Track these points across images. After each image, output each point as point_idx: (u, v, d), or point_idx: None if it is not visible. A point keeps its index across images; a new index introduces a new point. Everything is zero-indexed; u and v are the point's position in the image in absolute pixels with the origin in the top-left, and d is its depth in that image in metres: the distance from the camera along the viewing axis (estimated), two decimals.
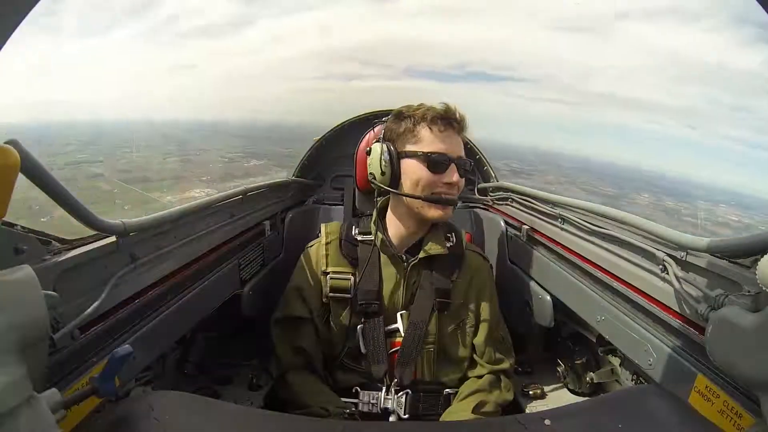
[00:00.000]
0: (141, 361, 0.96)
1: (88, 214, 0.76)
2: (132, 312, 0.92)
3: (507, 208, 1.84)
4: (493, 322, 1.34)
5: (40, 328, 0.51)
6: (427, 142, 1.19)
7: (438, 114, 1.20)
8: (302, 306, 1.31)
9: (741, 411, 0.69)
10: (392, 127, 1.26)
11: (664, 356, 0.89)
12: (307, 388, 1.25)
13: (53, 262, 0.72)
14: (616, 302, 1.08)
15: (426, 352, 1.30)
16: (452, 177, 1.19)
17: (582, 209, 1.27)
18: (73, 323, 0.73)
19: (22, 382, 0.47)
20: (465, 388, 1.29)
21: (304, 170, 2.13)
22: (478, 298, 1.35)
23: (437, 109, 1.21)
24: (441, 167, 1.18)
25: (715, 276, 0.77)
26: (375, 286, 1.27)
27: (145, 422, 0.63)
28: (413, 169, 1.19)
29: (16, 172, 0.52)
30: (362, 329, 1.28)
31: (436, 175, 1.18)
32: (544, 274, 1.46)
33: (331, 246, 1.35)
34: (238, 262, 1.44)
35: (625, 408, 0.70)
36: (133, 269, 0.92)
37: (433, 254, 1.28)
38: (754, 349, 0.57)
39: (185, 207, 1.13)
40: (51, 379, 0.70)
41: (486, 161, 2.13)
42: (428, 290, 1.29)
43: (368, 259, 1.28)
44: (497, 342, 1.35)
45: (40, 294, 0.51)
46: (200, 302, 1.20)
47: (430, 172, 1.18)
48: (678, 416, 0.65)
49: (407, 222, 1.29)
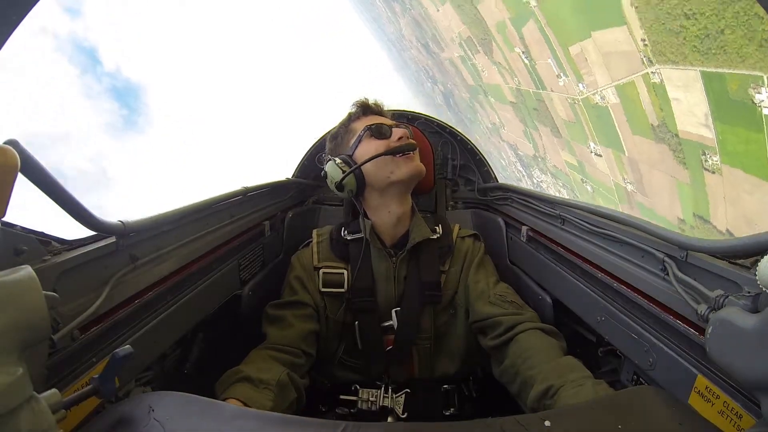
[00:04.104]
0: (141, 361, 0.96)
1: (88, 214, 0.76)
2: (132, 312, 0.92)
3: (507, 208, 1.84)
4: (491, 284, 1.31)
5: (41, 329, 0.51)
6: (362, 127, 1.34)
7: (357, 110, 1.40)
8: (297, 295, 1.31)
9: (741, 412, 0.69)
10: (331, 146, 1.42)
11: (664, 357, 0.89)
12: (253, 356, 1.15)
13: (53, 263, 0.72)
14: (616, 302, 1.08)
15: (421, 348, 1.30)
16: (398, 134, 1.31)
17: (582, 209, 1.27)
18: (73, 323, 0.73)
19: (22, 382, 0.47)
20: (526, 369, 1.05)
21: (305, 170, 2.13)
22: (467, 276, 1.34)
23: (354, 108, 1.42)
24: (385, 131, 1.32)
25: (715, 276, 0.77)
26: (367, 281, 1.28)
27: (145, 422, 0.63)
28: (365, 149, 1.31)
29: (16, 172, 0.52)
30: (358, 325, 1.28)
31: (384, 139, 1.31)
32: (544, 274, 1.45)
33: (322, 245, 1.37)
34: (238, 262, 1.44)
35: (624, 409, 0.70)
36: (133, 269, 0.92)
37: (420, 242, 1.30)
38: (755, 350, 0.57)
39: (185, 207, 1.13)
40: (51, 379, 0.70)
41: (486, 161, 2.13)
42: (417, 284, 1.29)
43: (360, 255, 1.29)
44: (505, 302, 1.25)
45: (40, 294, 0.51)
46: (200, 302, 1.20)
47: (378, 140, 1.31)
48: (678, 417, 0.65)
49: (389, 205, 1.31)
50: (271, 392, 0.99)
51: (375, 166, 1.27)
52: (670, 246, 0.89)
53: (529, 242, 1.58)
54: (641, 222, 0.99)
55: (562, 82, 8.45)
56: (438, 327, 1.32)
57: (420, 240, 1.30)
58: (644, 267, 0.98)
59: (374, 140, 1.31)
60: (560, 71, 8.31)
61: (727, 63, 4.33)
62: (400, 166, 1.27)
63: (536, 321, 1.20)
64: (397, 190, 1.30)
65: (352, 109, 1.42)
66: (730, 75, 4.39)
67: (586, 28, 6.56)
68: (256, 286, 1.52)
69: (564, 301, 1.33)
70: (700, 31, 4.44)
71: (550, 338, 1.12)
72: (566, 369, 0.97)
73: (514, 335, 1.15)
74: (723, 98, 4.64)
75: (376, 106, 1.42)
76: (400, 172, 1.27)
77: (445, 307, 1.32)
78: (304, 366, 1.21)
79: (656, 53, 5.34)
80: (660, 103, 5.75)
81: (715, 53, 4.40)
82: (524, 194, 1.68)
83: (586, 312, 1.20)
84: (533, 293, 1.48)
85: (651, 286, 0.94)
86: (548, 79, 9.09)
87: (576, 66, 7.51)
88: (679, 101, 5.36)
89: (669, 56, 5.16)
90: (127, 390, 0.96)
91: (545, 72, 9.03)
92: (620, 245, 1.08)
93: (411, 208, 1.38)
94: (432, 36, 18.09)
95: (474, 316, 1.27)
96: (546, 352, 1.06)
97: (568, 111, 8.96)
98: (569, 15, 6.89)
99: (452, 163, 2.13)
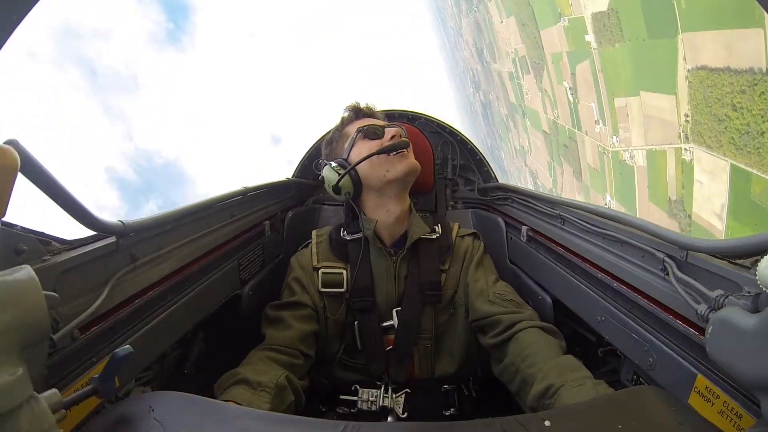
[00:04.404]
0: (141, 361, 0.96)
1: (88, 214, 0.76)
2: (132, 312, 0.92)
3: (507, 208, 1.84)
4: (490, 282, 1.31)
5: (41, 329, 0.51)
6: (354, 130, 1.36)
7: (349, 113, 1.43)
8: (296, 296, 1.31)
9: (741, 412, 0.69)
10: (326, 151, 1.45)
11: (664, 357, 0.88)
12: (252, 358, 1.14)
13: (53, 262, 0.72)
14: (616, 302, 1.08)
15: (421, 348, 1.30)
16: (390, 133, 1.33)
17: (582, 209, 1.27)
18: (73, 323, 0.73)
19: (22, 382, 0.47)
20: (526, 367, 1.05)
21: (305, 170, 2.13)
22: (467, 275, 1.34)
23: (347, 112, 1.45)
24: (377, 132, 1.33)
25: (715, 277, 0.77)
26: (367, 281, 1.29)
27: (145, 422, 0.63)
28: (359, 150, 1.33)
29: (16, 172, 0.52)
30: (358, 325, 1.28)
31: (377, 140, 1.32)
32: (544, 274, 1.45)
33: (322, 245, 1.37)
34: (238, 262, 1.44)
35: (624, 408, 0.70)
36: (133, 269, 0.92)
37: (419, 241, 1.31)
38: (755, 350, 0.57)
39: (185, 207, 1.13)
40: (51, 379, 0.70)
41: (486, 162, 2.13)
42: (417, 284, 1.29)
43: (359, 254, 1.29)
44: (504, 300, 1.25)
45: (40, 294, 0.51)
46: (200, 302, 1.20)
47: (371, 141, 1.32)
48: (678, 417, 0.65)
49: (387, 204, 1.32)
50: (269, 395, 0.98)
51: (370, 166, 1.28)
52: (670, 246, 0.89)
53: (529, 242, 1.58)
54: (641, 222, 0.99)
55: (599, 129, 8.40)
56: (438, 326, 1.32)
57: (419, 237, 1.30)
58: (644, 267, 0.98)
59: (367, 141, 1.32)
60: (600, 118, 8.21)
61: (759, 165, 4.26)
62: (394, 165, 1.28)
63: (536, 319, 1.20)
64: (394, 188, 1.31)
65: (345, 114, 1.45)
66: (758, 177, 4.32)
67: (637, 85, 6.48)
68: (256, 286, 1.52)
69: (564, 301, 1.33)
70: (742, 126, 4.37)
71: (549, 337, 1.12)
72: (566, 368, 0.97)
73: (514, 333, 1.15)
74: (744, 197, 4.56)
75: (367, 108, 1.45)
76: (395, 171, 1.28)
77: (445, 307, 1.32)
78: (303, 367, 1.20)
79: (695, 132, 5.25)
80: (683, 181, 5.67)
81: (750, 152, 4.33)
82: (524, 194, 1.68)
83: (586, 312, 1.20)
84: (533, 293, 1.47)
85: (651, 286, 0.94)
86: (586, 121, 9.04)
87: (616, 118, 7.43)
88: (702, 185, 5.29)
89: (706, 139, 5.05)
90: (127, 390, 0.97)
91: (585, 114, 9.00)
92: (620, 245, 1.08)
93: (409, 207, 1.38)
94: (489, 44, 18.30)
95: (473, 314, 1.27)
96: (546, 350, 1.06)
97: (595, 158, 8.91)
98: (625, 67, 6.77)
99: (452, 163, 2.13)
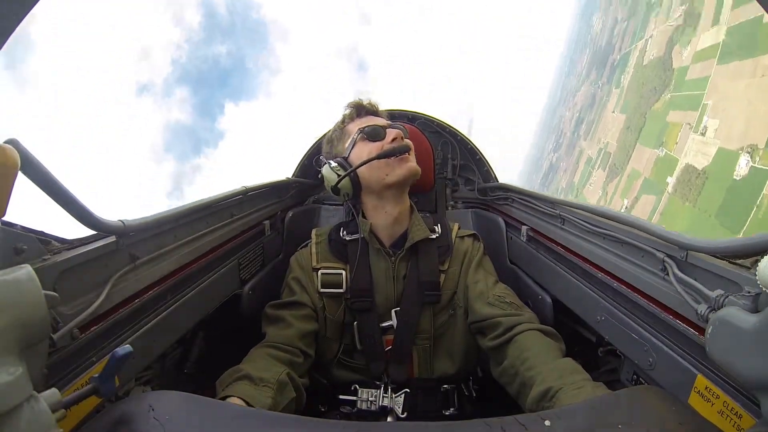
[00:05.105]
0: (141, 361, 0.96)
1: (89, 213, 0.76)
2: (132, 312, 0.92)
3: (507, 208, 1.84)
4: (490, 284, 1.30)
5: (40, 328, 0.51)
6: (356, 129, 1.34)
7: (351, 111, 1.40)
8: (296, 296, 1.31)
9: (741, 412, 0.69)
10: (327, 149, 1.42)
11: (664, 356, 0.88)
12: (253, 355, 1.14)
13: (53, 262, 0.72)
14: (616, 302, 1.08)
15: (421, 348, 1.30)
16: (392, 135, 1.30)
17: (582, 209, 1.27)
18: (73, 323, 0.73)
19: (22, 382, 0.47)
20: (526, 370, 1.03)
21: (305, 170, 2.13)
22: (467, 276, 1.34)
23: (348, 110, 1.42)
24: (379, 133, 1.31)
25: (715, 276, 0.77)
26: (366, 281, 1.29)
27: (145, 422, 0.63)
28: (359, 152, 1.31)
29: (16, 172, 0.52)
30: (357, 325, 1.28)
31: (378, 141, 1.30)
32: (544, 274, 1.45)
33: (321, 245, 1.37)
34: (238, 262, 1.44)
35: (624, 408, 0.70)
36: (133, 269, 0.92)
37: (418, 241, 1.30)
38: (755, 350, 0.57)
39: (185, 207, 1.13)
40: (51, 378, 0.70)
41: (486, 161, 2.13)
42: (416, 284, 1.29)
43: (357, 255, 1.29)
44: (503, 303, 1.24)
45: (40, 294, 0.51)
46: (200, 302, 1.20)
47: (372, 142, 1.30)
48: (678, 417, 0.65)
49: (385, 206, 1.32)
50: (271, 390, 0.99)
51: (369, 169, 1.27)
52: (670, 246, 0.89)
53: (529, 242, 1.58)
54: (641, 222, 0.99)
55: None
56: (437, 327, 1.32)
57: (419, 239, 1.30)
58: (644, 267, 0.98)
59: (368, 143, 1.30)
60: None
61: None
62: (394, 169, 1.27)
63: (535, 322, 1.19)
64: (393, 192, 1.30)
65: (347, 111, 1.42)
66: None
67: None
68: (256, 285, 1.52)
69: (564, 300, 1.33)
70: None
71: (549, 339, 1.12)
72: (565, 371, 0.97)
73: (513, 336, 1.14)
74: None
75: (370, 106, 1.41)
76: (394, 175, 1.27)
77: (444, 307, 1.32)
78: (303, 365, 1.21)
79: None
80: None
81: None
82: (524, 194, 1.68)
83: (585, 312, 1.20)
84: (533, 293, 1.47)
85: (651, 286, 0.94)
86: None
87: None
88: None
89: None
90: (127, 389, 0.97)
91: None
92: (620, 245, 1.08)
93: (409, 206, 1.38)
94: (590, 121, 20.61)
95: (473, 316, 1.27)
96: (545, 353, 1.06)
97: None
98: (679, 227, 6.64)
99: (452, 162, 2.13)
